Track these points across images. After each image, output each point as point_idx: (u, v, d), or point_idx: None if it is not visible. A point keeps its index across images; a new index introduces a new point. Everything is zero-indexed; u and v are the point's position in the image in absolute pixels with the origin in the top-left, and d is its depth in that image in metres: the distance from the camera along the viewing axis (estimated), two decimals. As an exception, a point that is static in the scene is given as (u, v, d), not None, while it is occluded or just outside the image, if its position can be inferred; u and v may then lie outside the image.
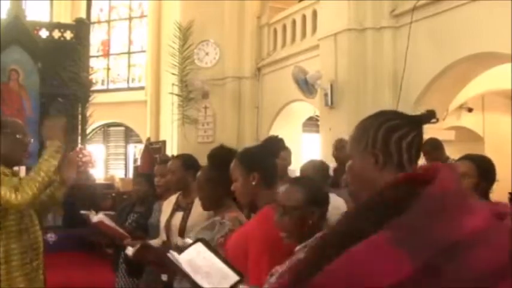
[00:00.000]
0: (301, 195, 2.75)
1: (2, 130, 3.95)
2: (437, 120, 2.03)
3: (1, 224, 3.77)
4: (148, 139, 15.86)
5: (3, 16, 14.25)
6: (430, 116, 2.02)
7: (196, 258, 2.76)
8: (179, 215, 4.59)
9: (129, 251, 4.49)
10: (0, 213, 3.76)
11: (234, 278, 2.60)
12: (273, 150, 3.33)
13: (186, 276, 2.74)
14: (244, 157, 3.35)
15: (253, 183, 3.21)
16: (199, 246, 2.84)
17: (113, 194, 12.82)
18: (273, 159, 3.32)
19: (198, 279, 2.65)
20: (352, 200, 2.18)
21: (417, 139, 1.96)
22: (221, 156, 3.91)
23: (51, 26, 15.33)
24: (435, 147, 7.33)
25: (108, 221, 4.67)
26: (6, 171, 3.83)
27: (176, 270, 3.08)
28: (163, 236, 4.71)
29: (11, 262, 3.79)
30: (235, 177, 3.30)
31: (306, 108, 13.18)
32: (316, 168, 4.99)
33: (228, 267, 2.66)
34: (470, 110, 13.81)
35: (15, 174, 4.02)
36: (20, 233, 3.85)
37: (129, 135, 19.82)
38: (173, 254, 2.84)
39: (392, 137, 1.93)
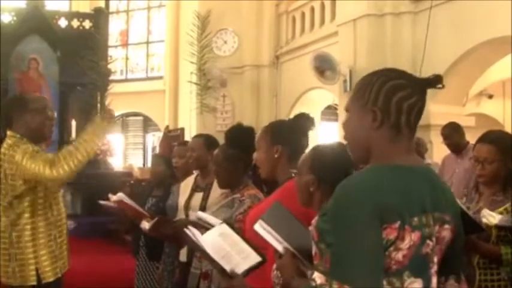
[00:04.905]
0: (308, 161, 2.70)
1: (32, 106, 3.94)
2: (443, 86, 1.96)
3: (28, 199, 3.78)
4: (167, 127, 15.89)
5: (23, 6, 14.33)
6: (436, 81, 1.96)
7: (218, 238, 2.73)
8: (198, 196, 4.58)
9: (145, 225, 4.48)
10: (28, 189, 3.76)
11: (256, 258, 2.57)
12: (302, 127, 3.28)
13: (202, 251, 2.72)
14: (271, 128, 3.31)
15: (276, 155, 3.17)
16: (224, 227, 2.82)
17: (131, 182, 12.87)
18: (300, 136, 3.27)
19: (216, 256, 2.63)
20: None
21: (420, 103, 1.91)
22: (239, 134, 3.90)
23: (70, 16, 15.41)
24: (455, 129, 7.29)
25: (127, 200, 4.66)
26: (31, 146, 3.82)
27: (193, 247, 3.06)
28: (182, 217, 4.70)
29: (38, 240, 3.80)
30: (259, 146, 3.28)
31: (325, 96, 13.13)
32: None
33: (251, 249, 2.62)
34: (490, 96, 13.71)
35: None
36: (46, 210, 3.85)
37: (147, 124, 19.87)
38: (191, 229, 2.81)
39: (395, 96, 1.88)
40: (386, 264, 1.73)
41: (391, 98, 1.88)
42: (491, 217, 3.30)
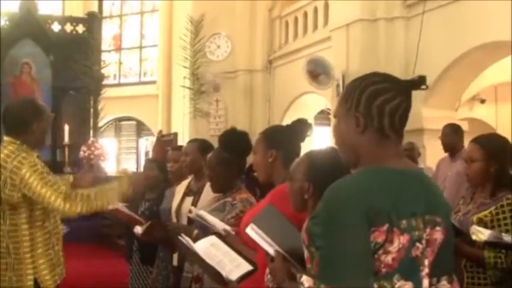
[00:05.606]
0: (303, 168, 2.67)
1: (47, 116, 3.94)
2: (427, 87, 1.98)
3: (25, 211, 3.75)
4: (160, 132, 15.87)
5: (16, 10, 14.33)
6: (420, 82, 1.98)
7: (210, 248, 2.74)
8: (189, 200, 4.56)
9: (138, 229, 4.48)
10: (25, 201, 3.73)
11: (247, 267, 2.59)
12: (299, 132, 3.29)
13: (196, 257, 2.72)
14: (267, 133, 3.35)
15: (270, 160, 3.20)
16: (214, 238, 2.83)
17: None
18: (295, 141, 3.28)
19: (211, 262, 2.63)
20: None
21: (404, 104, 1.91)
22: (233, 139, 3.91)
23: (64, 20, 15.44)
24: (454, 130, 7.18)
25: (123, 208, 4.66)
26: (38, 162, 3.76)
27: (187, 253, 3.07)
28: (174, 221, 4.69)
29: (36, 250, 3.78)
30: (256, 150, 3.32)
31: (318, 100, 13.14)
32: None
33: (242, 258, 2.64)
34: (483, 101, 13.75)
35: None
36: (44, 220, 3.83)
37: (140, 129, 19.83)
38: (184, 237, 2.83)
39: (376, 100, 1.89)
40: (376, 268, 1.74)
41: (372, 103, 1.89)
42: (480, 234, 3.28)
